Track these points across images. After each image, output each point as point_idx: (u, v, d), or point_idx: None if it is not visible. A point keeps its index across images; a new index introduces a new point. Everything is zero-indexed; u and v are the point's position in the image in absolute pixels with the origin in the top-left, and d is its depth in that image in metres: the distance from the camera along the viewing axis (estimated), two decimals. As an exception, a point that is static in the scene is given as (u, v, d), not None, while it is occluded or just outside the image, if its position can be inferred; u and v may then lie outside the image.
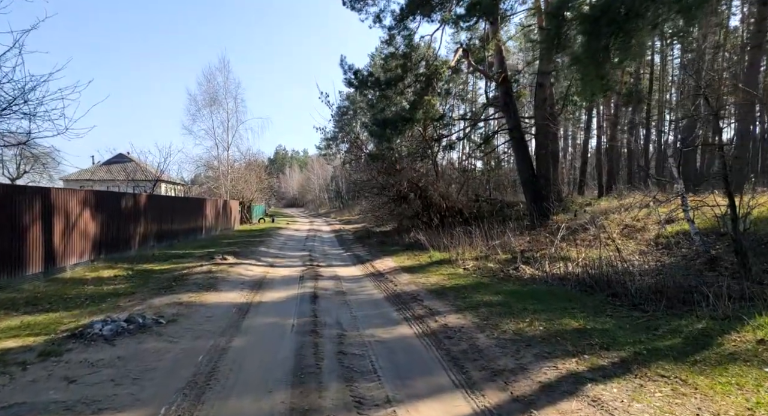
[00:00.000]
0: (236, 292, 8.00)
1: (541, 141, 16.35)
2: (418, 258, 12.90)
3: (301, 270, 11.30)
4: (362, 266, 12.23)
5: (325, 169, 79.41)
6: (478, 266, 10.94)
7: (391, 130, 15.24)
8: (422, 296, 7.83)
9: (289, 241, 20.20)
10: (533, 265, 10.66)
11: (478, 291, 8.03)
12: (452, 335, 5.44)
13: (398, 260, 12.78)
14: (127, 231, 12.59)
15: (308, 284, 9.19)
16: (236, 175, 34.40)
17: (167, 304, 6.71)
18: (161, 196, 16.24)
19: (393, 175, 18.03)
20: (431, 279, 9.47)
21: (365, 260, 13.33)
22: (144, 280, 9.04)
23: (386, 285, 9.14)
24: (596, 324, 5.66)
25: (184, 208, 18.24)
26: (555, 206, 16.39)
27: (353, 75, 15.70)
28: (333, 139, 75.09)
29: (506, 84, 16.81)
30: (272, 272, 10.83)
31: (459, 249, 12.92)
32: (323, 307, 7.13)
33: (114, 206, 11.90)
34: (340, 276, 10.52)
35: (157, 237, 14.92)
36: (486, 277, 9.61)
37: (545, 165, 16.37)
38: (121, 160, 41.32)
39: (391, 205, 19.67)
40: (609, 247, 10.08)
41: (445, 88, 15.91)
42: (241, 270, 10.51)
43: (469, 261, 11.52)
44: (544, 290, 8.05)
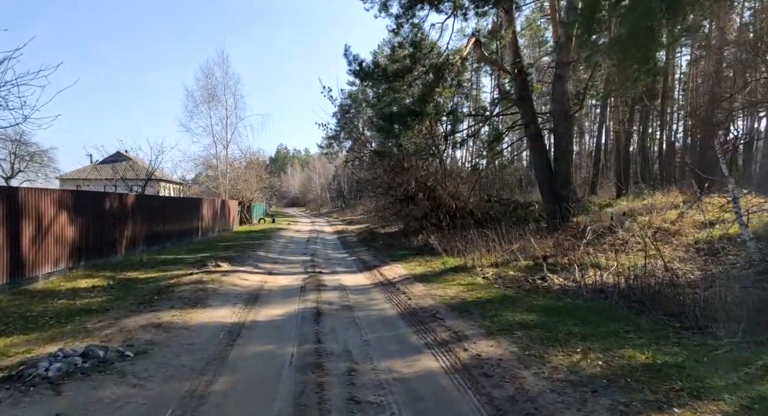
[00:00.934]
0: (227, 308, 6.92)
1: (559, 137, 15.23)
2: (430, 264, 11.81)
3: (303, 278, 10.22)
4: (369, 273, 11.15)
5: (326, 168, 78.50)
6: (499, 274, 9.85)
7: (399, 125, 14.15)
8: (442, 313, 6.74)
9: (290, 244, 19.14)
10: (560, 274, 9.58)
11: (507, 308, 6.94)
12: (490, 372, 4.35)
13: (408, 266, 11.69)
14: (111, 234, 11.52)
15: (310, 297, 8.11)
16: (235, 174, 33.35)
17: (142, 326, 5.63)
18: (152, 196, 15.19)
19: (400, 173, 16.94)
20: (449, 291, 8.38)
21: (372, 266, 12.24)
22: (124, 292, 7.97)
23: (398, 297, 8.06)
24: (666, 356, 4.57)
25: (178, 208, 17.18)
26: (574, 207, 15.30)
27: (358, 66, 14.60)
28: (335, 137, 74.05)
29: (522, 76, 15.72)
30: (270, 281, 9.75)
31: (474, 254, 11.84)
32: (328, 328, 6.05)
33: (96, 207, 10.83)
34: (345, 285, 9.44)
35: (147, 240, 13.85)
36: (510, 288, 8.52)
37: (564, 162, 15.25)
38: (119, 158, 40.38)
39: (397, 205, 18.58)
40: (645, 253, 8.98)
41: (456, 81, 14.76)
42: (235, 279, 9.43)
43: (487, 268, 10.43)
44: (582, 306, 6.96)
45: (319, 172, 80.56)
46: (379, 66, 14.53)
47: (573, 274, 9.23)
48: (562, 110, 15.11)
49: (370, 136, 19.99)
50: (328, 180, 77.34)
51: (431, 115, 14.04)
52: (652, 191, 18.78)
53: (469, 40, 15.09)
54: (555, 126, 15.39)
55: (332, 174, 76.24)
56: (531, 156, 16.06)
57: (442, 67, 13.95)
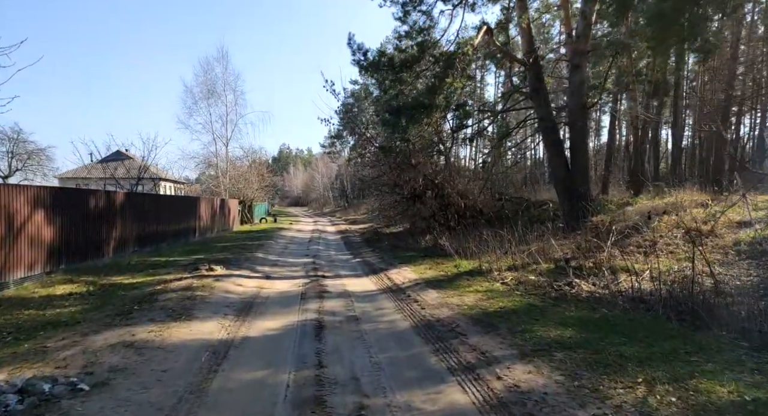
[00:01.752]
0: (216, 321, 6.03)
1: (577, 131, 14.29)
2: (442, 267, 10.90)
3: (303, 283, 9.34)
4: (376, 277, 10.25)
5: (329, 168, 77.84)
6: (519, 279, 8.94)
7: (407, 119, 13.24)
8: (463, 327, 5.84)
9: (291, 245, 18.26)
10: (588, 279, 8.67)
11: (536, 320, 6.03)
12: (536, 412, 3.45)
13: (418, 270, 10.79)
14: (97, 235, 10.67)
15: (311, 305, 7.22)
16: (236, 172, 32.52)
17: (111, 346, 4.75)
18: (145, 194, 14.34)
19: (407, 170, 16.03)
20: (466, 299, 7.47)
21: (378, 269, 11.35)
22: (103, 300, 7.11)
23: (410, 306, 7.16)
24: (754, 390, 3.65)
25: (174, 207, 16.33)
26: (592, 206, 14.37)
27: (362, 56, 13.70)
28: (338, 136, 73.47)
29: (537, 67, 14.79)
30: (268, 287, 8.87)
31: (489, 256, 10.95)
32: (331, 346, 5.16)
33: (79, 206, 9.98)
34: (350, 291, 8.55)
35: (138, 241, 13.00)
36: (534, 296, 7.61)
37: (581, 158, 14.30)
38: (119, 157, 39.64)
39: (403, 204, 17.68)
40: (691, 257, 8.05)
41: (467, 72, 13.85)
42: (229, 285, 8.55)
43: (505, 272, 9.52)
44: (623, 318, 6.05)
45: (321, 172, 79.84)
46: (384, 55, 13.62)
47: (602, 279, 8.34)
48: (579, 103, 14.16)
49: (375, 133, 19.04)
50: (331, 179, 76.62)
51: (441, 107, 13.13)
52: (671, 189, 17.86)
53: (480, 29, 14.17)
54: (572, 120, 14.44)
55: (335, 173, 75.52)
56: (546, 152, 15.13)
57: (453, 56, 13.03)
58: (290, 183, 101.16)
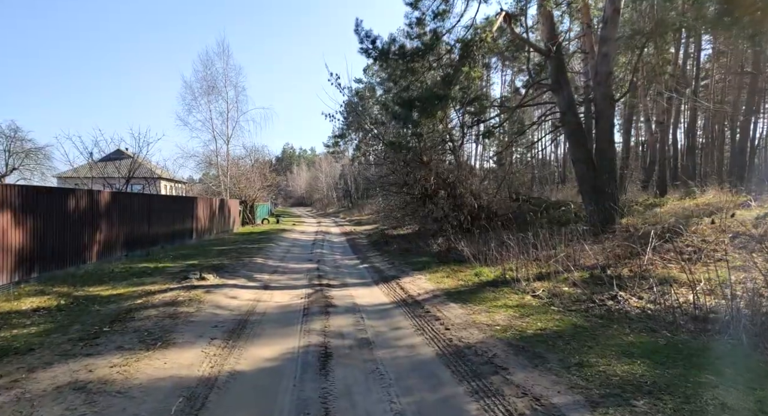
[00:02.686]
0: (199, 349, 4.96)
1: (603, 125, 13.15)
2: (460, 275, 9.80)
3: (306, 294, 8.26)
4: (387, 287, 9.17)
5: (333, 167, 76.99)
6: (551, 291, 7.83)
7: (419, 112, 12.15)
8: (502, 357, 4.74)
9: (294, 247, 17.20)
10: (631, 290, 7.56)
11: (589, 348, 4.93)
12: None
13: (434, 278, 9.70)
14: (78, 239, 9.64)
15: (315, 325, 6.14)
16: (237, 171, 31.52)
17: (58, 390, 3.69)
18: (134, 194, 13.31)
19: (418, 168, 14.94)
20: (497, 317, 6.37)
21: (389, 277, 10.27)
22: (72, 318, 6.05)
23: (432, 326, 6.07)
24: None
25: (168, 208, 15.30)
26: (619, 207, 13.24)
27: (371, 43, 12.61)
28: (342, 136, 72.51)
29: (559, 56, 13.68)
30: (266, 300, 7.79)
31: (511, 263, 9.86)
32: (341, 386, 4.08)
33: (56, 207, 8.94)
34: (359, 305, 7.47)
35: (127, 244, 11.97)
36: (575, 313, 6.51)
37: (608, 155, 13.16)
38: (119, 156, 38.74)
39: (413, 204, 16.59)
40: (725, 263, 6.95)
41: (485, 61, 12.75)
42: (221, 297, 7.48)
43: (534, 283, 8.40)
44: (695, 346, 4.95)
45: (325, 171, 78.95)
46: (395, 43, 12.53)
47: (649, 291, 7.24)
48: (606, 94, 13.04)
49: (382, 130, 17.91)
50: (335, 179, 75.72)
51: (456, 99, 12.04)
52: (699, 189, 16.70)
53: (499, 15, 13.07)
54: (598, 113, 13.30)
55: (339, 173, 74.59)
56: (568, 149, 13.99)
57: (470, 43, 11.93)
58: (294, 183, 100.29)
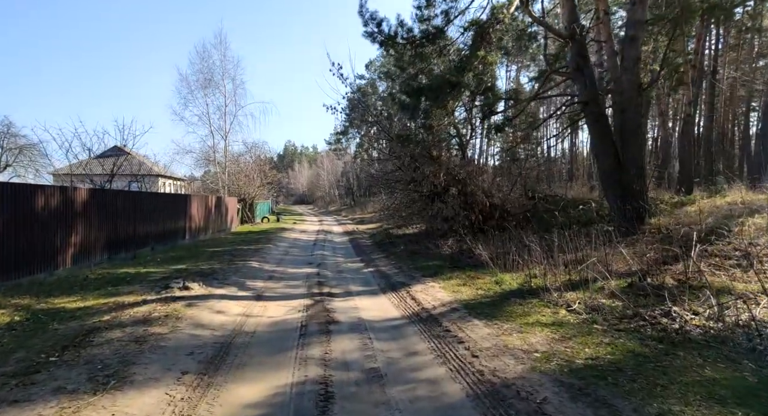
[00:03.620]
0: (161, 390, 3.87)
1: (630, 116, 12.02)
2: (479, 283, 8.70)
3: (305, 307, 7.18)
4: (396, 297, 8.08)
5: (335, 165, 76.00)
6: (588, 304, 6.74)
7: (429, 101, 11.04)
8: (554, 403, 3.65)
9: (293, 248, 16.13)
10: (682, 304, 6.45)
11: (664, 388, 3.84)
12: None
13: (449, 286, 8.61)
14: (48, 242, 8.58)
15: (314, 350, 5.06)
16: (235, 168, 30.44)
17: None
18: (119, 192, 12.24)
19: (426, 163, 13.83)
20: (533, 339, 5.28)
21: (398, 284, 9.18)
22: (19, 342, 4.99)
23: (455, 351, 4.99)
24: None
25: (158, 206, 14.24)
26: (648, 206, 12.13)
27: (376, 27, 11.50)
28: (344, 132, 71.39)
29: (580, 41, 12.53)
30: (257, 314, 6.71)
31: (535, 268, 8.78)
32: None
33: (21, 206, 7.88)
34: (366, 321, 6.40)
35: (109, 247, 10.92)
36: (625, 333, 5.42)
37: (636, 148, 12.04)
38: (117, 153, 37.78)
39: (420, 202, 15.48)
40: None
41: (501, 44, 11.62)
42: (204, 312, 6.40)
43: (566, 294, 7.30)
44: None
45: (327, 169, 77.93)
46: (403, 26, 11.41)
47: (704, 306, 6.15)
48: (634, 81, 11.90)
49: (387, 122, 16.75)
50: (337, 177, 74.69)
51: (470, 87, 10.92)
52: (729, 186, 15.57)
53: (516, -4, 11.94)
54: (624, 102, 12.16)
55: (341, 170, 73.57)
56: (592, 142, 12.89)
57: (486, 25, 10.82)
58: (295, 180, 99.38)
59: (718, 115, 28.59)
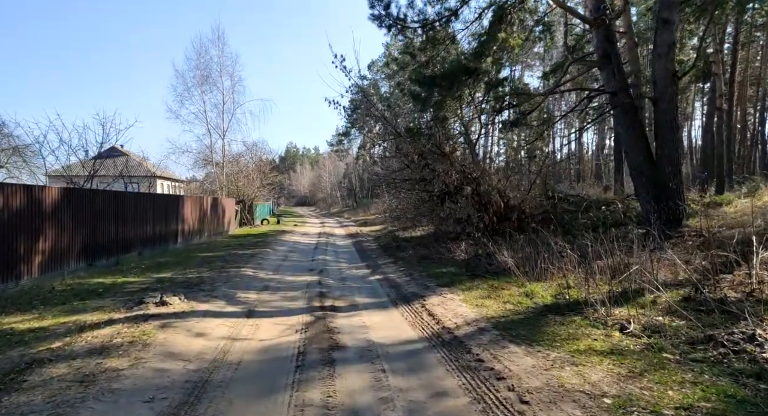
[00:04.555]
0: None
1: (665, 108, 10.87)
2: (504, 294, 7.54)
3: (303, 326, 6.05)
4: (410, 311, 6.94)
5: (337, 166, 75.05)
6: (644, 322, 5.60)
7: (444, 91, 9.92)
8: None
9: (293, 253, 15.01)
10: (762, 325, 5.30)
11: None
12: None
13: (471, 298, 7.45)
14: (9, 249, 7.46)
15: (313, 391, 3.91)
16: (234, 168, 29.36)
17: None
18: (98, 192, 11.12)
19: (437, 161, 12.70)
20: (593, 374, 4.14)
21: (411, 295, 8.03)
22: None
23: (497, 393, 3.83)
24: None
25: (146, 208, 13.13)
26: (685, 206, 10.98)
27: (383, 9, 10.38)
28: (346, 133, 70.44)
29: (609, 26, 11.43)
30: (245, 337, 5.56)
31: (568, 277, 7.64)
32: None
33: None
34: (377, 345, 5.26)
35: (88, 252, 9.82)
36: (705, 364, 4.28)
37: (671, 144, 10.90)
38: (114, 153, 36.82)
39: (429, 203, 14.34)
40: None
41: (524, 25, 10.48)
42: (179, 336, 5.26)
43: (614, 309, 6.13)
44: None
45: (329, 170, 76.94)
46: (413, 7, 10.29)
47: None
48: (669, 69, 10.77)
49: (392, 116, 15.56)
50: (339, 178, 73.68)
51: (489, 74, 9.79)
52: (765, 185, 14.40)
53: (537, -25, 10.82)
54: (657, 92, 11.03)
55: (343, 172, 72.57)
56: (621, 136, 11.75)
57: (506, 5, 9.70)
58: (297, 182, 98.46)
59: (735, 113, 27.48)
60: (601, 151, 39.68)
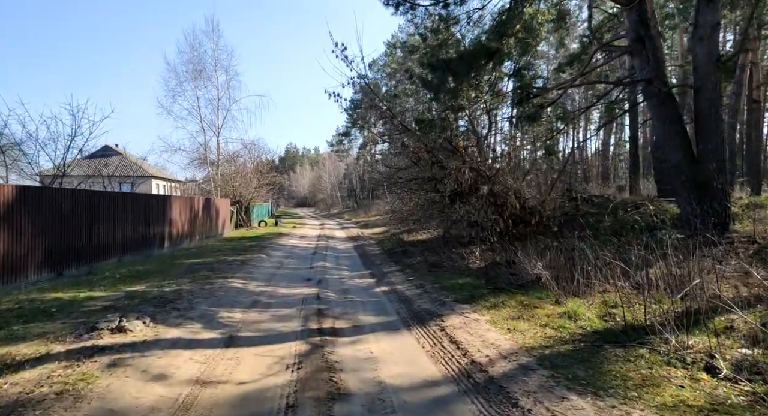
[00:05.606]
0: None
1: (708, 96, 9.63)
2: (538, 313, 6.28)
3: (296, 358, 4.79)
4: (427, 336, 5.67)
5: (337, 167, 73.86)
6: (736, 360, 4.35)
7: (461, 75, 8.67)
8: None
9: (289, 259, 13.75)
10: None
11: None
12: None
13: (499, 318, 6.18)
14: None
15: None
16: (229, 167, 28.11)
17: None
18: (65, 190, 9.86)
19: (450, 157, 11.45)
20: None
21: (425, 314, 6.76)
22: None
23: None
24: None
25: (125, 209, 11.88)
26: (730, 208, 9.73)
27: (391, -16, 9.13)
28: (346, 134, 69.17)
29: (640, 7, 10.20)
30: (218, 379, 4.29)
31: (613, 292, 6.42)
32: None
33: None
34: (389, 389, 4.00)
35: (53, 260, 8.58)
36: None
37: (715, 138, 9.64)
38: (106, 153, 35.66)
39: (440, 204, 13.09)
40: None
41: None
42: (129, 381, 4.00)
43: (691, 340, 4.87)
44: None
45: (329, 171, 75.76)
46: (425, -18, 9.03)
47: None
48: (712, 53, 9.54)
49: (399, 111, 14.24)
50: (339, 179, 72.46)
51: (512, 56, 8.55)
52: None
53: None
54: (698, 79, 9.78)
55: (343, 172, 71.36)
56: (656, 129, 10.50)
57: (532, -23, 8.45)
58: (296, 183, 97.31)
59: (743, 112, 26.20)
60: (606, 149, 38.35)
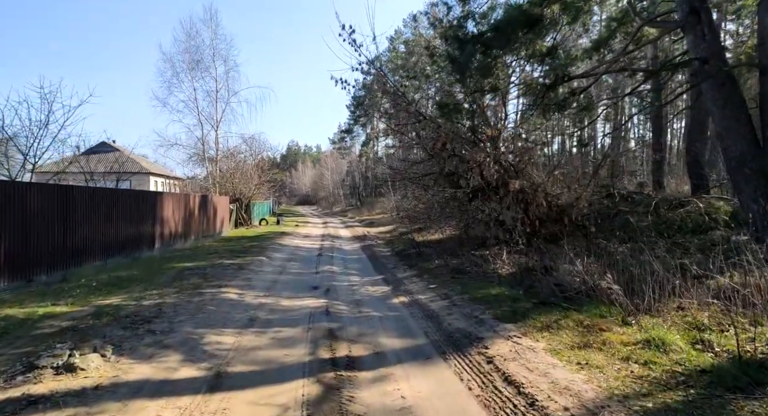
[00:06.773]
0: None
1: (778, 78, 8.29)
2: (608, 338, 4.95)
3: (303, 406, 3.49)
4: (473, 371, 4.36)
5: (339, 164, 72.60)
6: None
7: (496, 49, 7.34)
8: None
9: (292, 262, 12.47)
10: None
11: None
12: None
13: (561, 347, 4.86)
14: None
15: None
16: (228, 163, 26.84)
17: None
18: (33, 185, 8.58)
19: (474, 149, 10.14)
20: None
21: (460, 336, 5.45)
22: None
23: None
24: None
25: (109, 208, 10.60)
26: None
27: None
28: (348, 131, 67.69)
29: (697, -27, 8.86)
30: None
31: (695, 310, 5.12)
32: None
33: None
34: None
35: (15, 267, 7.30)
36: None
37: (786, 125, 8.31)
38: (104, 149, 34.47)
39: (459, 201, 11.78)
40: None
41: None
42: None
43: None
44: None
45: (331, 168, 74.50)
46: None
47: None
48: (784, 27, 8.20)
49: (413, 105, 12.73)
50: (341, 176, 71.15)
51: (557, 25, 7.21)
52: None
53: None
54: (766, 58, 8.45)
55: (345, 170, 70.07)
56: (715, 114, 9.16)
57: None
58: (298, 181, 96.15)
59: None
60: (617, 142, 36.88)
